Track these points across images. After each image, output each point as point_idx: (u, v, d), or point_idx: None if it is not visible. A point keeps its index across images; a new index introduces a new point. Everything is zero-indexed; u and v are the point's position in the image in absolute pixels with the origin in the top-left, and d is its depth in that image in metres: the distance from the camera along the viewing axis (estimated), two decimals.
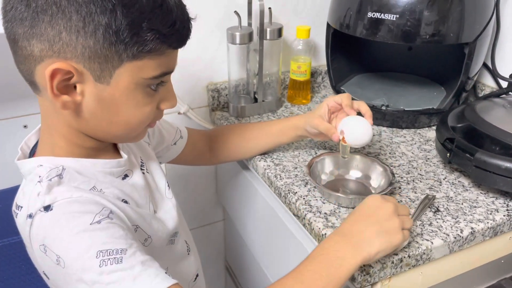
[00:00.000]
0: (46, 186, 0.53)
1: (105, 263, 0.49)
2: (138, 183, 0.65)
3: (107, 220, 0.52)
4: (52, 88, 0.51)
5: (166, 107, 0.61)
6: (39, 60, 0.51)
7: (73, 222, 0.51)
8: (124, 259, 0.50)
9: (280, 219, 0.87)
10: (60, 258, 0.50)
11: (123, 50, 0.50)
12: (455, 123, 0.86)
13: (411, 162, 0.91)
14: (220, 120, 1.09)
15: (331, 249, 0.57)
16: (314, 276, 0.54)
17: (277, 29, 1.05)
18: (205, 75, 1.13)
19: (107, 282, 0.49)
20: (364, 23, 0.96)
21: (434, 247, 0.69)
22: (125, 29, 0.49)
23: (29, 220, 0.52)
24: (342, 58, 1.15)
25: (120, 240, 0.51)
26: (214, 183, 1.28)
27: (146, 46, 0.51)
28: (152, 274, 0.51)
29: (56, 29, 0.49)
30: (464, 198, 0.80)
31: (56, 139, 0.58)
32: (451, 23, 0.92)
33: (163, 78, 0.56)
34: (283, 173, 0.87)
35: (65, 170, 0.56)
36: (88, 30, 0.49)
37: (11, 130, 1.00)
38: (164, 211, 0.69)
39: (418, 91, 1.13)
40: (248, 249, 1.15)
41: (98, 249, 0.49)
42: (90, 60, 0.50)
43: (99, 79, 0.52)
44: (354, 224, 0.60)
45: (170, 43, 0.53)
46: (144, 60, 0.52)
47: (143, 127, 0.60)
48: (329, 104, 0.82)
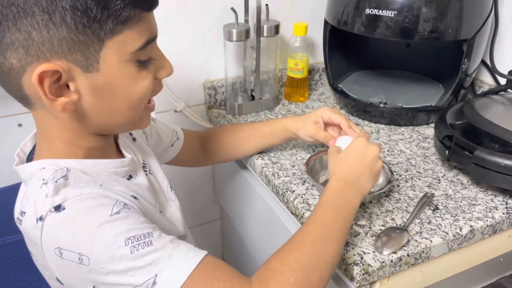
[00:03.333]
0: (53, 188, 0.51)
1: (136, 249, 0.49)
2: (143, 183, 0.63)
3: (125, 210, 0.52)
4: (45, 93, 0.49)
5: (163, 76, 0.58)
6: (22, 71, 0.49)
7: (92, 217, 0.50)
8: (153, 241, 0.50)
9: (278, 217, 0.86)
10: (83, 256, 0.49)
11: (99, 28, 0.48)
12: (454, 121, 0.85)
13: (410, 159, 0.90)
14: (217, 118, 1.08)
15: (341, 195, 0.65)
16: (333, 219, 0.61)
17: (274, 26, 1.04)
18: (201, 72, 1.12)
19: (142, 265, 0.49)
20: (362, 19, 0.95)
21: (433, 245, 0.69)
22: (93, 6, 0.46)
23: (40, 223, 0.50)
24: (340, 55, 1.15)
25: (143, 225, 0.52)
26: (212, 181, 1.27)
27: (120, 16, 0.48)
28: (184, 249, 0.52)
29: (24, 31, 0.46)
30: (463, 196, 0.79)
31: (54, 144, 0.56)
32: (450, 20, 0.91)
33: (151, 51, 0.54)
34: (280, 171, 0.86)
35: (70, 171, 0.54)
36: (56, 20, 0.46)
37: (6, 128, 0.99)
38: (169, 213, 0.68)
39: (416, 88, 1.12)
40: (246, 248, 1.14)
41: (125, 237, 0.49)
42: (71, 51, 0.48)
43: (87, 68, 0.50)
44: (350, 171, 0.68)
45: (142, 6, 0.50)
46: (124, 33, 0.50)
47: (144, 104, 0.57)
48: (323, 116, 0.82)
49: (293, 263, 0.54)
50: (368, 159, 0.69)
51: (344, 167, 0.69)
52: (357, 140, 0.71)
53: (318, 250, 0.57)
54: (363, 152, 0.69)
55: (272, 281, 0.52)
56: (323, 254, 0.57)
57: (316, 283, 0.55)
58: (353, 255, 0.66)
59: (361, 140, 0.71)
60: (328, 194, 0.65)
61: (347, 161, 0.69)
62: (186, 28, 1.05)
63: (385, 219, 0.73)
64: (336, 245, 0.59)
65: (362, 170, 0.68)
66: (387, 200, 0.78)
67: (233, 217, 1.15)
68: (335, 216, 0.61)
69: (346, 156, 0.70)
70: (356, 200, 0.66)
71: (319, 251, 0.57)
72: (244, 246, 1.16)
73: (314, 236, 0.58)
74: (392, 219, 0.73)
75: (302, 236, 0.59)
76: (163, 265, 0.50)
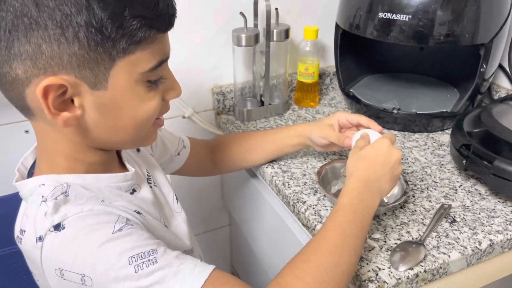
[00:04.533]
0: (52, 206, 0.49)
1: (140, 267, 0.47)
2: (147, 197, 0.61)
3: (128, 226, 0.50)
4: (48, 107, 0.47)
5: (172, 97, 0.56)
6: (27, 82, 0.47)
7: (93, 235, 0.48)
8: (158, 258, 0.48)
9: (288, 228, 0.84)
10: (86, 276, 0.47)
11: (111, 47, 0.46)
12: (471, 128, 0.82)
13: (425, 168, 0.87)
14: (226, 124, 1.06)
15: (359, 198, 0.62)
16: (351, 225, 0.58)
17: (284, 30, 1.01)
18: (210, 77, 1.09)
19: (148, 285, 0.47)
20: (375, 23, 0.92)
21: (451, 260, 0.66)
22: (108, 23, 0.45)
23: (39, 243, 0.49)
24: (351, 59, 1.12)
25: (147, 241, 0.50)
26: (220, 188, 1.25)
27: (134, 36, 0.47)
28: (190, 265, 0.50)
29: (34, 43, 0.45)
30: (482, 207, 0.76)
31: (55, 158, 0.54)
32: (466, 24, 0.88)
33: (162, 71, 0.52)
34: (291, 180, 0.83)
35: (70, 187, 0.52)
36: (68, 35, 0.44)
37: (13, 135, 0.98)
38: (174, 226, 0.66)
39: (430, 93, 1.09)
40: (254, 255, 1.12)
41: (129, 256, 0.47)
42: (80, 68, 0.46)
43: (95, 86, 0.48)
44: (372, 171, 0.65)
45: (158, 26, 0.49)
46: (136, 53, 0.48)
47: (150, 124, 0.56)
48: (340, 120, 0.79)
49: (307, 275, 0.52)
50: (391, 161, 0.66)
51: (365, 166, 0.65)
52: (382, 140, 0.68)
53: (334, 260, 0.54)
54: (386, 153, 0.66)
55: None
56: (339, 264, 0.54)
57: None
58: (368, 271, 0.64)
59: (386, 140, 0.68)
60: (347, 195, 0.62)
61: (370, 160, 0.66)
62: (194, 33, 1.03)
63: (401, 232, 0.71)
64: (353, 254, 0.56)
65: (384, 171, 0.65)
66: (402, 212, 0.75)
67: (241, 225, 1.13)
68: (353, 222, 0.59)
69: (369, 155, 0.67)
70: (375, 204, 0.63)
71: (335, 261, 0.54)
72: (252, 254, 1.14)
73: (330, 245, 0.56)
74: (408, 232, 0.71)
75: (317, 245, 0.56)
76: (170, 283, 0.48)
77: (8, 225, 0.63)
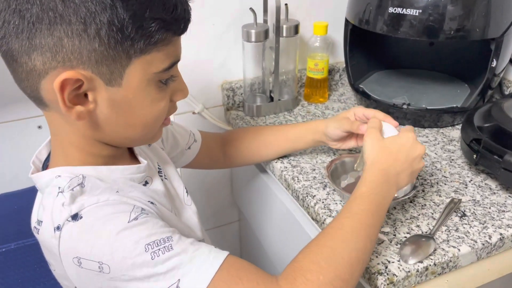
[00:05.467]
0: (69, 197, 0.50)
1: (156, 254, 0.48)
2: (159, 189, 0.62)
3: (143, 215, 0.51)
4: (64, 101, 0.48)
5: (179, 98, 0.58)
6: (44, 74, 0.48)
7: (110, 224, 0.49)
8: (173, 245, 0.49)
9: (298, 222, 0.84)
10: (104, 264, 0.48)
11: (130, 46, 0.48)
12: (482, 123, 0.82)
13: (435, 163, 0.87)
14: (235, 119, 1.07)
15: (378, 189, 0.62)
16: (368, 214, 0.59)
17: (293, 26, 1.02)
18: (219, 73, 1.10)
19: (165, 271, 0.48)
20: (385, 18, 0.92)
21: (461, 254, 0.66)
22: (129, 24, 0.46)
23: (57, 233, 0.50)
24: (361, 54, 1.12)
25: (163, 229, 0.51)
26: (230, 183, 1.26)
27: (152, 37, 0.48)
28: (205, 251, 0.51)
29: (56, 37, 0.46)
30: (492, 201, 0.76)
31: (69, 151, 0.55)
32: (477, 18, 0.87)
33: (173, 71, 0.54)
34: (300, 175, 0.84)
35: (86, 179, 0.53)
36: (91, 32, 0.46)
37: (26, 130, 0.99)
38: (185, 218, 0.67)
39: (440, 89, 1.08)
40: (264, 251, 1.12)
41: (145, 243, 0.48)
42: (98, 64, 0.48)
43: (110, 82, 0.49)
44: (393, 165, 0.64)
45: (175, 29, 0.51)
46: (152, 54, 0.50)
47: (159, 124, 0.58)
48: (356, 113, 0.78)
49: (322, 260, 0.52)
50: (413, 156, 0.66)
51: (388, 158, 0.65)
52: (407, 133, 0.68)
53: (351, 246, 0.55)
54: (410, 147, 0.66)
55: (299, 279, 0.51)
56: (355, 251, 0.55)
57: (347, 281, 0.53)
58: (377, 264, 0.64)
59: (410, 134, 0.67)
60: (366, 185, 0.62)
61: (393, 152, 0.65)
62: (203, 29, 1.03)
63: (410, 226, 0.71)
64: (369, 242, 0.57)
65: (405, 166, 0.65)
66: (412, 206, 0.75)
67: (251, 220, 1.14)
68: (370, 211, 0.59)
69: (393, 147, 0.66)
70: (391, 196, 0.63)
71: (351, 248, 0.55)
72: (262, 249, 1.14)
73: (345, 231, 0.56)
74: (418, 226, 0.71)
75: (333, 231, 0.57)
76: (185, 269, 0.49)
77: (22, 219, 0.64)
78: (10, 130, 0.98)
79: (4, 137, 0.98)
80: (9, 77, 0.52)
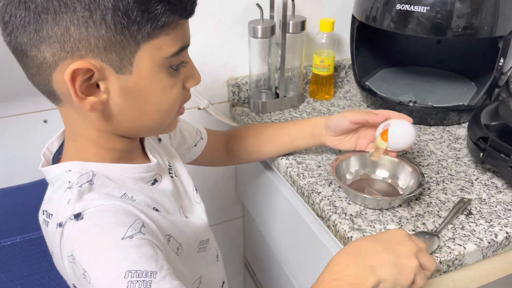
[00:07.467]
0: (76, 193, 0.50)
1: (133, 285, 0.46)
2: (168, 188, 0.62)
3: (139, 236, 0.49)
4: (76, 92, 0.48)
5: (191, 85, 0.58)
6: (54, 66, 0.48)
7: (104, 236, 0.48)
8: (153, 283, 0.46)
9: (303, 219, 0.84)
10: (86, 273, 0.47)
11: (137, 31, 0.48)
12: (489, 121, 0.81)
13: (441, 161, 0.87)
14: (241, 116, 1.07)
15: (342, 273, 0.52)
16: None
17: (300, 22, 1.01)
18: (225, 69, 1.10)
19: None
20: (392, 15, 0.92)
21: (467, 252, 0.66)
22: (134, 7, 0.46)
23: (59, 229, 0.50)
24: (367, 51, 1.11)
25: (150, 261, 0.48)
26: (234, 179, 1.26)
27: (158, 21, 0.48)
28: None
29: (63, 26, 0.46)
30: (498, 200, 0.76)
31: (83, 144, 0.55)
32: (485, 16, 0.87)
33: (183, 56, 0.54)
34: (306, 171, 0.84)
35: (96, 176, 0.53)
36: (96, 18, 0.46)
37: (32, 125, 1.00)
38: (194, 217, 0.66)
39: (447, 87, 1.08)
40: (268, 247, 1.13)
41: (127, 269, 0.46)
42: (106, 51, 0.47)
43: (120, 69, 0.49)
44: (369, 245, 0.55)
45: (181, 12, 0.50)
46: (160, 38, 0.49)
47: (174, 112, 0.57)
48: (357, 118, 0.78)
49: None
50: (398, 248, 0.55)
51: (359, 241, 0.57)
52: (397, 229, 0.59)
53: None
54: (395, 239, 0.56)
55: None
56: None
57: None
58: None
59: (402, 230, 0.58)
60: (328, 269, 0.54)
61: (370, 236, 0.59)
62: (210, 24, 1.03)
63: (416, 223, 0.71)
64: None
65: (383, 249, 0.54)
66: (417, 203, 0.75)
67: (255, 217, 1.14)
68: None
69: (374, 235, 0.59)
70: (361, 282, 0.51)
71: None
72: (266, 245, 1.15)
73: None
74: (423, 224, 0.71)
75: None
76: None
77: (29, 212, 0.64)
78: (16, 124, 0.98)
79: (10, 131, 0.98)
80: (16, 71, 0.52)
